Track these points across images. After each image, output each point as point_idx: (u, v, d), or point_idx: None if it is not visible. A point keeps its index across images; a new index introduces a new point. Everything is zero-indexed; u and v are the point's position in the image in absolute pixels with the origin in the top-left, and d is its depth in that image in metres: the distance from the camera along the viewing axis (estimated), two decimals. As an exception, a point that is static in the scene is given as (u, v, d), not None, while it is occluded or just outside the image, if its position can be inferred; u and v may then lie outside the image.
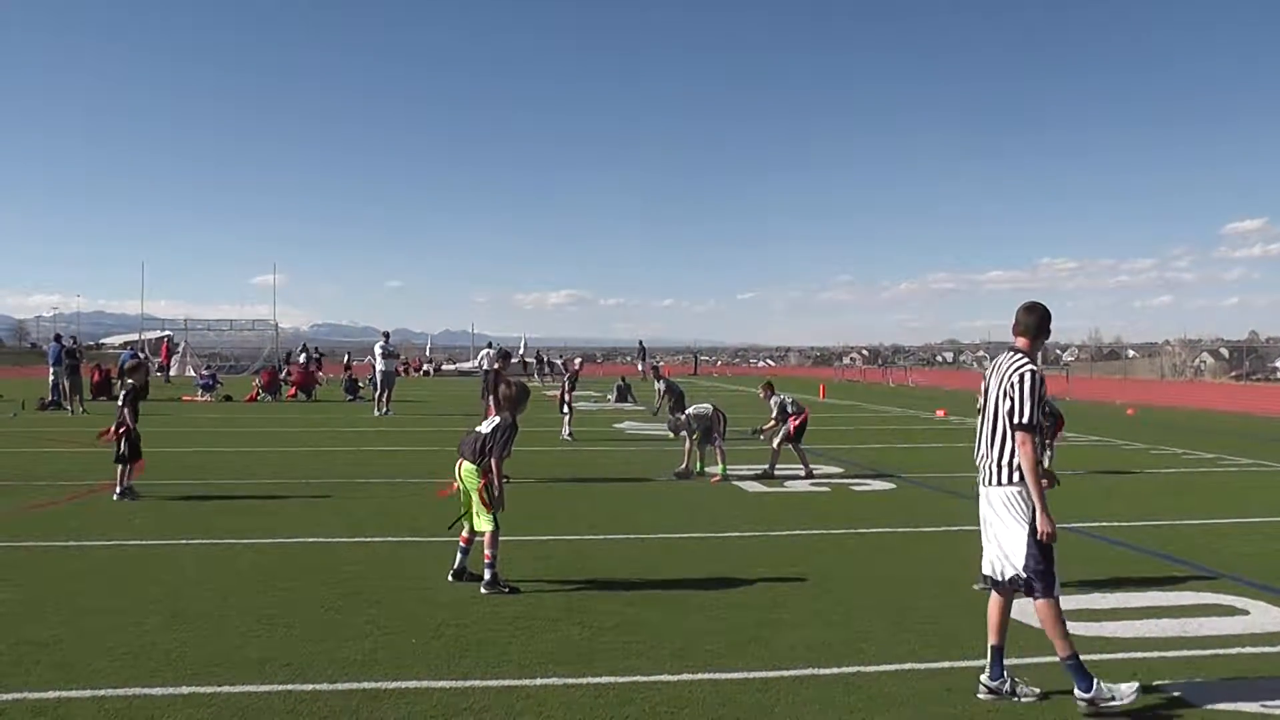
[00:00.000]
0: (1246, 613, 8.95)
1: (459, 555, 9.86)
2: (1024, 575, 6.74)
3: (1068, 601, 7.21)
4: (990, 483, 6.89)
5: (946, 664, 7.47)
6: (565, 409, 24.76)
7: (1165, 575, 10.35)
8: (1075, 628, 7.73)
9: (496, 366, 19.37)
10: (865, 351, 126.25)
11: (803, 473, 17.82)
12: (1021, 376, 6.78)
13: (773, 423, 17.99)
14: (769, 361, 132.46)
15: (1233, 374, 79.44)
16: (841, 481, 17.37)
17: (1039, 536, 6.66)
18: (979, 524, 7.06)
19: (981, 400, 7.06)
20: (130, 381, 15.66)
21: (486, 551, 9.49)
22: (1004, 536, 6.84)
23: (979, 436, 7.03)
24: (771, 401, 18.15)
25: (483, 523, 9.55)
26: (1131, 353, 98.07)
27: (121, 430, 14.81)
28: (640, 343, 76.38)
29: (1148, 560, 10.92)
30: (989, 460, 6.90)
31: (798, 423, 17.90)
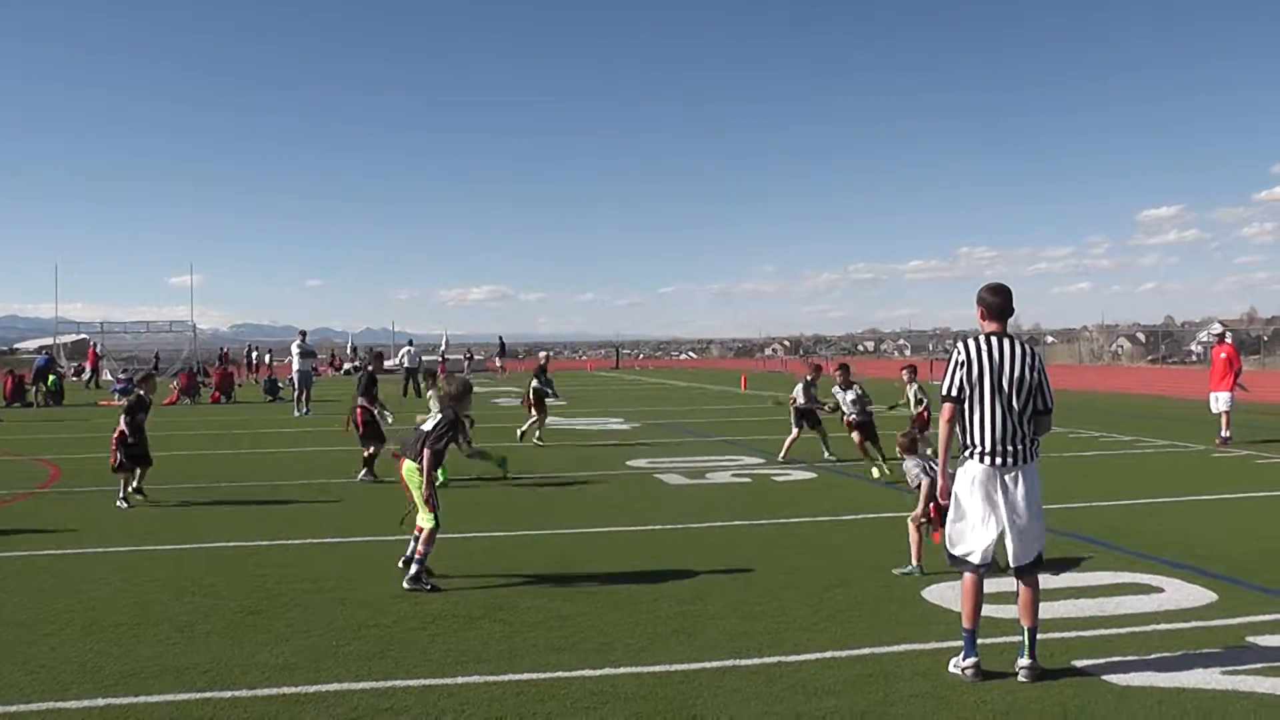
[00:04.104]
0: (1161, 590, 9.11)
1: (412, 542, 9.80)
2: (1041, 550, 7.12)
3: (988, 584, 7.30)
4: (1025, 460, 7.03)
5: (869, 650, 7.53)
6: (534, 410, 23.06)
7: (1083, 556, 10.49)
8: (995, 610, 7.85)
9: (370, 368, 18.35)
10: (787, 342, 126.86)
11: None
12: (1043, 363, 7.22)
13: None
14: (691, 354, 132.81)
15: (1149, 358, 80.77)
16: (763, 472, 17.47)
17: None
18: (967, 506, 7.11)
19: (988, 387, 7.02)
20: (139, 393, 15.14)
21: (420, 547, 9.50)
22: (1037, 514, 7.07)
23: (994, 422, 7.01)
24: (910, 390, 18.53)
25: (423, 519, 9.57)
26: (1050, 339, 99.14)
27: (117, 439, 14.45)
28: (500, 339, 74.53)
29: (1066, 542, 11.04)
30: (1020, 439, 7.02)
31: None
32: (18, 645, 7.88)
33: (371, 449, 16.61)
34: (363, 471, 16.58)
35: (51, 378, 40.38)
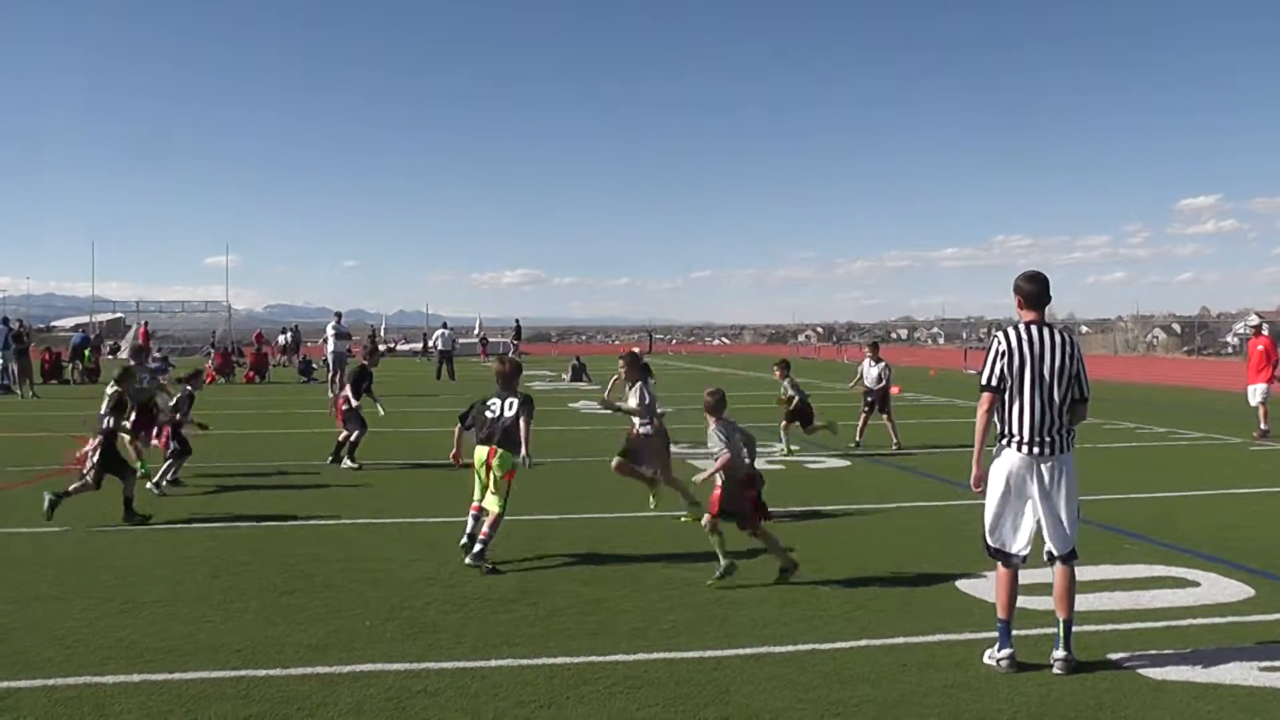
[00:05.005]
0: (1198, 584, 9.04)
1: (471, 522, 9.95)
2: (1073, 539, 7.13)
3: (1022, 575, 7.28)
4: (1063, 450, 7.05)
5: (901, 640, 7.50)
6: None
7: (1118, 548, 10.43)
8: (1030, 601, 7.80)
9: (364, 363, 18.02)
10: (820, 329, 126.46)
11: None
12: (1081, 352, 7.21)
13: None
14: (724, 339, 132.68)
15: (1184, 349, 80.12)
16: (796, 459, 17.43)
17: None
18: (1003, 495, 7.10)
19: (1028, 376, 7.01)
20: (189, 388, 14.90)
21: (486, 529, 9.67)
22: (1074, 504, 7.08)
23: (1033, 411, 7.00)
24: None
25: (493, 505, 9.78)
26: (1085, 328, 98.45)
27: (166, 430, 14.30)
28: (516, 321, 73.02)
29: (1101, 534, 10.98)
30: (1058, 429, 7.03)
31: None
32: (54, 620, 7.94)
33: (352, 435, 16.46)
34: (333, 458, 16.50)
35: (87, 352, 40.71)
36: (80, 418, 16.12)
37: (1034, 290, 7.22)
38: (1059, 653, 6.91)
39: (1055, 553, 7.03)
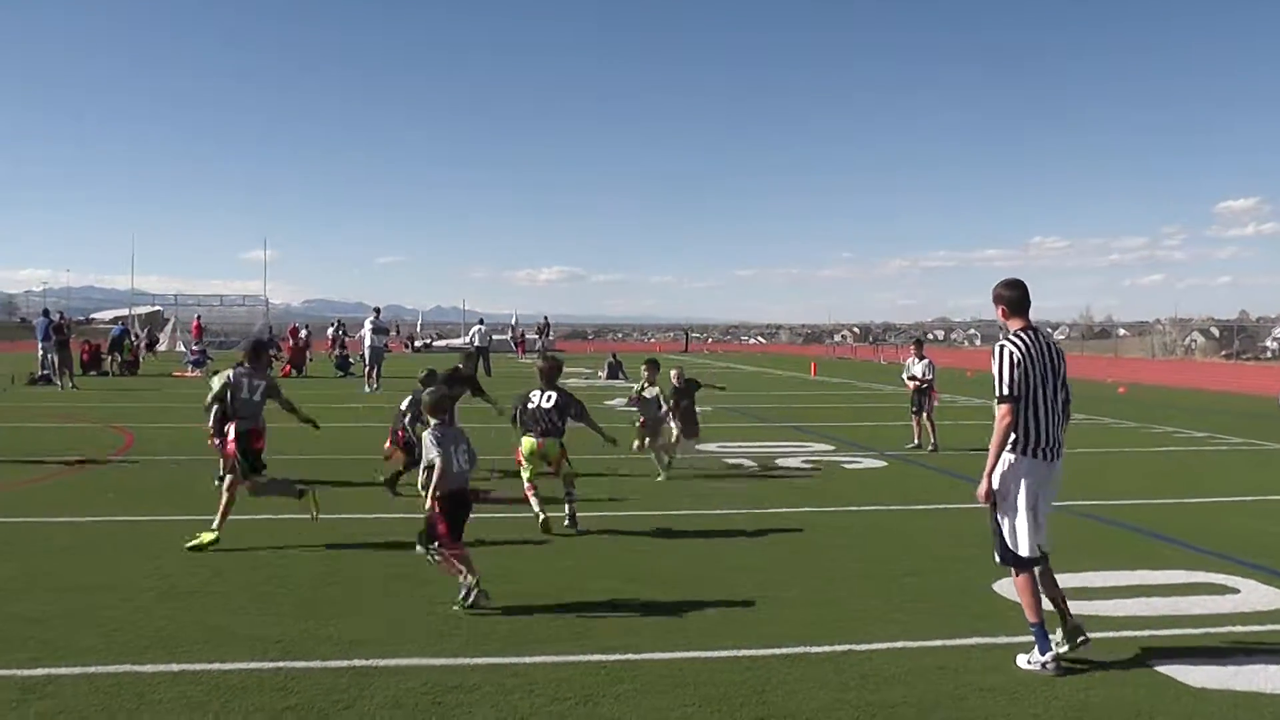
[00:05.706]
0: (1237, 591, 8.96)
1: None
2: None
3: (1059, 580, 7.25)
4: (1060, 456, 7.18)
5: (939, 642, 7.47)
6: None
7: (1156, 553, 10.36)
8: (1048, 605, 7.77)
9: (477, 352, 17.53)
10: (856, 329, 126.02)
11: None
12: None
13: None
14: (760, 339, 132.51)
15: (1223, 353, 79.49)
16: (833, 459, 17.37)
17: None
18: (1026, 503, 7.11)
19: (1038, 382, 7.05)
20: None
21: (566, 490, 11.40)
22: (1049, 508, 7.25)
23: (1046, 415, 7.07)
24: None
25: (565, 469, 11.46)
26: (1122, 331, 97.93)
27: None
28: (545, 318, 72.14)
29: (1139, 539, 10.93)
30: (1061, 431, 7.17)
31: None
32: (94, 609, 8.00)
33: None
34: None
35: (126, 344, 41.05)
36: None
37: (1017, 296, 7.29)
38: (1071, 623, 7.05)
39: (1047, 549, 7.18)
